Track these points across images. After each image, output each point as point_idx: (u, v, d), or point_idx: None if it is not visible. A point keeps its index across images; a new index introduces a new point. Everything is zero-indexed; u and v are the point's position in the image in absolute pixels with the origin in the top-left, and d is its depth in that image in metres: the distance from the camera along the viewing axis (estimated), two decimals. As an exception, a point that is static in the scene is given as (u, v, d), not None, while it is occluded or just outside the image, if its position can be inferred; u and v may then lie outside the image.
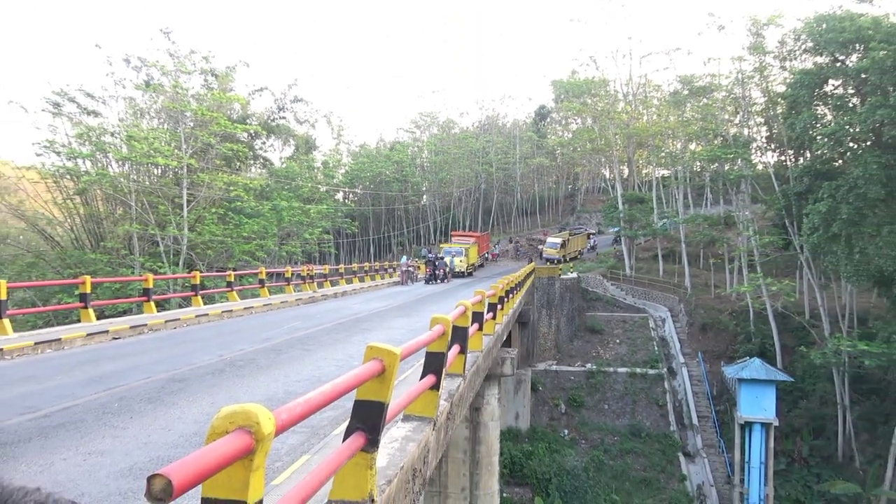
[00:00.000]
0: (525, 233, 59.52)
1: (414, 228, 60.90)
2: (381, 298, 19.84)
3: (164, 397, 6.37)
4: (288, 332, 11.47)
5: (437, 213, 61.44)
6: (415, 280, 29.50)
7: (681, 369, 27.92)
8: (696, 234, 34.65)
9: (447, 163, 61.17)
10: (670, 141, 43.29)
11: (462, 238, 40.70)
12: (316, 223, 40.42)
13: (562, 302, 31.76)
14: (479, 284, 26.94)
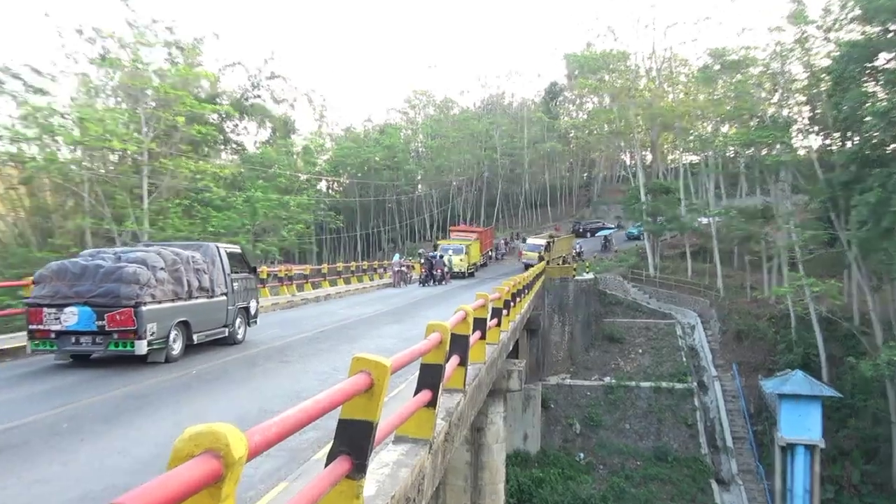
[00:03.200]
0: (534, 227, 59.60)
1: (407, 223, 60.91)
2: (369, 302, 19.83)
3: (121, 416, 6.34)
4: (263, 341, 11.45)
5: (433, 205, 61.48)
6: (408, 281, 29.50)
7: (713, 383, 27.97)
8: (729, 228, 34.68)
9: (445, 148, 61.11)
10: (699, 122, 43.30)
11: (462, 233, 40.64)
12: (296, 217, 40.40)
13: (576, 307, 31.77)
14: (481, 287, 26.91)
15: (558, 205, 64.84)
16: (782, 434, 19.84)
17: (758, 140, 30.33)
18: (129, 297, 9.07)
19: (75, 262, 9.50)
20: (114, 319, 9.05)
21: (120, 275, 9.17)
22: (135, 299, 9.08)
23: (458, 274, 34.39)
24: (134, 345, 9.02)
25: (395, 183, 59.89)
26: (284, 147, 49.95)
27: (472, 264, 36.90)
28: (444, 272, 29.91)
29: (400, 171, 60.97)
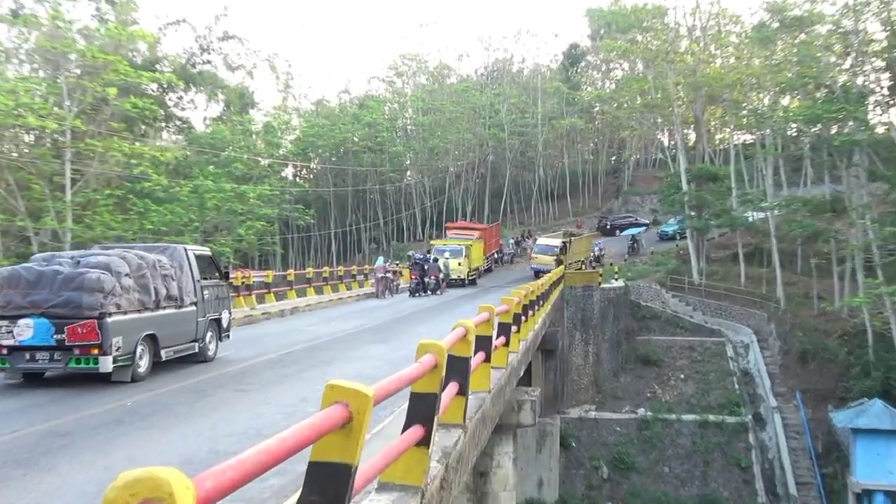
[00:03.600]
0: (551, 224, 59.81)
1: (393, 218, 61.07)
2: (347, 317, 19.90)
3: (40, 459, 6.33)
4: (216, 366, 11.46)
5: (425, 196, 61.78)
6: (395, 291, 29.66)
7: (772, 416, 28.06)
8: (791, 224, 34.82)
9: (440, 125, 61.39)
10: (754, 94, 43.54)
11: (461, 232, 40.84)
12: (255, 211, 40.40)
13: (603, 321, 31.85)
14: (486, 297, 27.00)
15: (580, 196, 65.11)
16: (857, 478, 19.91)
17: (826, 115, 30.44)
18: (93, 306, 9.45)
19: (29, 267, 9.83)
20: (75, 333, 9.40)
21: (81, 282, 9.50)
22: (99, 309, 9.47)
23: (457, 281, 34.54)
24: (98, 361, 9.42)
25: (379, 169, 60.01)
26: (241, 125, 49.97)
27: (473, 269, 37.06)
28: (439, 279, 30.03)
29: (384, 155, 61.06)
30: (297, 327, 17.28)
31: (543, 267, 35.31)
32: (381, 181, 60.85)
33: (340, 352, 13.12)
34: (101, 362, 9.44)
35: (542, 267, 35.63)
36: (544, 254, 36.80)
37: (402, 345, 13.87)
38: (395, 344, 14.13)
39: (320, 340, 14.70)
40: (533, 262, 37.98)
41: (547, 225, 59.69)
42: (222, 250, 34.56)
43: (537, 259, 37.17)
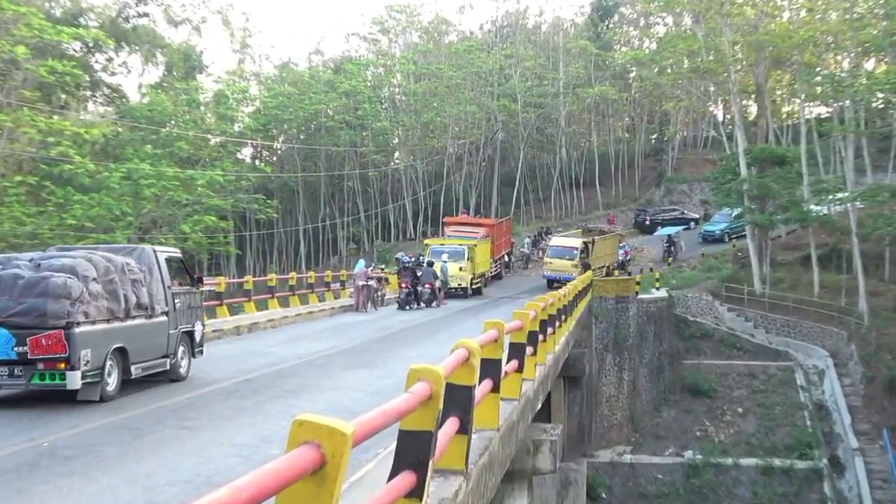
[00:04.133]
0: (575, 219, 59.95)
1: (378, 212, 61.19)
2: (319, 335, 19.94)
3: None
4: (153, 397, 11.45)
5: (418, 183, 62.03)
6: (380, 302, 29.80)
7: (852, 460, 28.07)
8: (877, 220, 34.84)
9: (436, 95, 61.54)
10: (831, 56, 43.61)
11: (464, 229, 41.07)
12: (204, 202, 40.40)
13: (641, 341, 31.83)
14: (494, 311, 27.06)
15: (612, 183, 65.31)
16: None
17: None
18: (59, 315, 10.18)
19: None
20: (39, 345, 10.10)
21: (46, 287, 10.22)
22: (65, 318, 10.20)
23: (457, 291, 34.71)
24: (65, 377, 10.17)
25: (360, 150, 60.13)
26: (186, 94, 50.02)
27: (478, 276, 37.24)
28: (434, 289, 30.15)
29: (366, 132, 61.18)
30: (257, 348, 17.28)
31: (559, 275, 35.39)
32: (362, 165, 60.93)
33: (311, 379, 13.12)
34: (69, 378, 10.12)
35: (557, 275, 35.71)
36: (560, 257, 36.88)
37: (388, 370, 13.84)
38: (380, 369, 14.13)
39: (286, 365, 14.70)
40: (546, 269, 38.08)
41: (570, 220, 59.82)
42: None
43: (551, 265, 37.26)
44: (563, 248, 37.84)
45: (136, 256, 12.24)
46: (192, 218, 38.88)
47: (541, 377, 12.75)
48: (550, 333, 14.45)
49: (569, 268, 35.51)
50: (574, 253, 36.66)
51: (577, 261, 35.82)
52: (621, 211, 61.52)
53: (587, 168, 65.53)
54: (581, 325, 25.48)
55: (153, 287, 12.15)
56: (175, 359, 12.66)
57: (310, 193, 62.80)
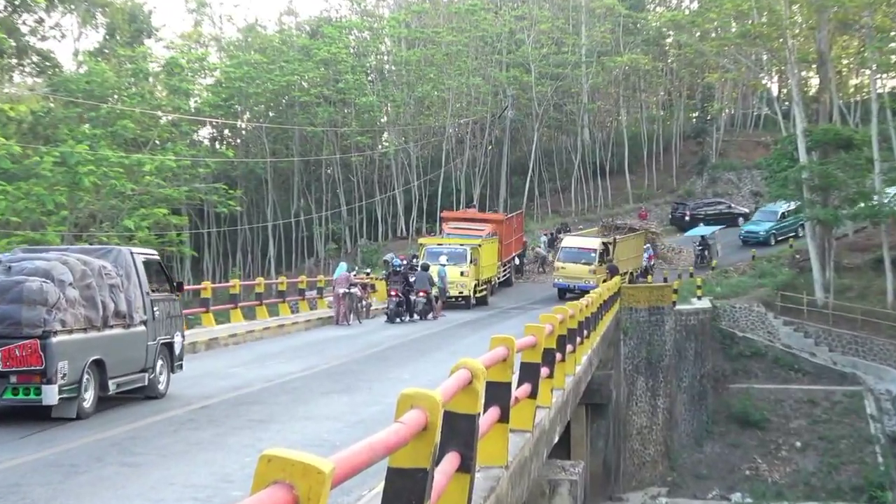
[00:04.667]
0: (600, 213, 59.94)
1: (363, 205, 61.26)
2: (292, 354, 19.97)
3: None
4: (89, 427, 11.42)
5: (411, 171, 62.08)
6: (365, 314, 29.91)
7: (932, 504, 28.07)
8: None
9: (433, 64, 61.67)
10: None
11: (465, 225, 41.24)
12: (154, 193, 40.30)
13: (679, 361, 31.80)
14: (501, 324, 27.04)
15: (645, 171, 65.48)
16: None
17: None
18: (34, 323, 10.88)
19: None
20: (12, 356, 10.77)
21: (20, 293, 10.89)
22: (41, 327, 10.90)
23: (458, 300, 34.85)
24: (41, 391, 10.89)
25: (341, 130, 60.14)
26: (132, 62, 49.94)
27: (483, 282, 37.38)
28: (430, 297, 30.23)
29: (349, 109, 61.25)
30: (216, 369, 17.27)
31: (574, 283, 35.35)
32: (343, 149, 60.97)
33: (282, 407, 13.10)
34: (45, 393, 10.83)
35: (571, 283, 35.67)
36: (574, 261, 36.67)
37: (374, 396, 13.84)
38: (365, 395, 14.14)
39: (251, 389, 14.70)
40: (556, 276, 37.87)
41: (595, 214, 59.91)
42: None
43: (564, 270, 36.96)
44: (577, 250, 37.54)
45: (111, 259, 12.91)
46: (138, 212, 38.82)
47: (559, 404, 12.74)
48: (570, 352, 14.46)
49: (585, 274, 35.40)
50: (591, 256, 36.44)
51: (596, 265, 35.70)
52: (655, 204, 61.59)
53: (614, 153, 65.59)
54: (607, 341, 25.44)
55: (131, 293, 12.86)
56: (154, 374, 13.39)
57: (281, 183, 62.80)
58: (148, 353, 13.28)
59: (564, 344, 13.14)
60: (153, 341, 13.46)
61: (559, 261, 38.21)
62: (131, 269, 13.13)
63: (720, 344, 35.20)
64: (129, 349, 12.83)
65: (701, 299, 36.26)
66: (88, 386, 11.63)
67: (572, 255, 37.34)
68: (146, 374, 13.21)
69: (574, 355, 15.24)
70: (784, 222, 49.08)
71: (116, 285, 12.51)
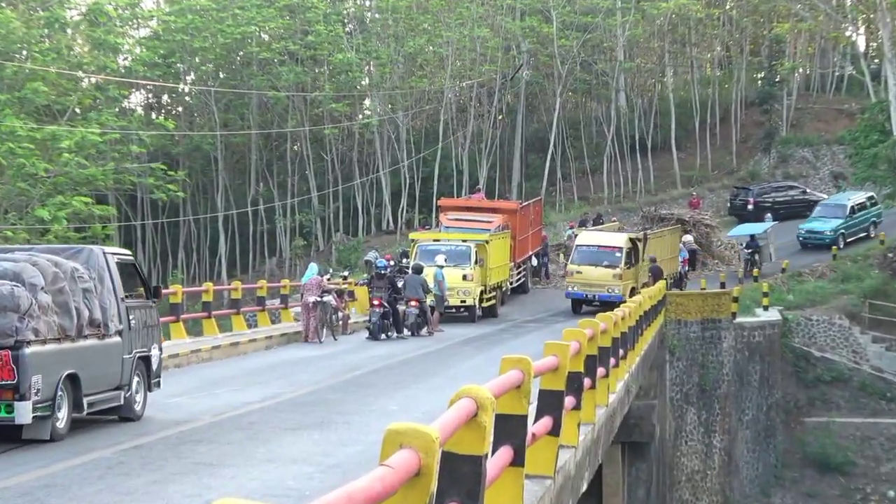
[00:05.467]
0: (642, 197, 59.82)
1: (340, 191, 61.03)
2: (249, 379, 20.03)
3: None
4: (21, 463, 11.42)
5: (400, 147, 62.12)
6: (340, 328, 30.01)
7: None
8: None
9: (428, 12, 61.84)
10: None
11: (469, 216, 41.42)
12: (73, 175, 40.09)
13: (740, 388, 31.82)
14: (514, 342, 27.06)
15: (697, 147, 65.54)
16: None
17: None
18: (5, 332, 11.75)
19: None
20: None
21: None
22: (14, 336, 11.78)
23: (460, 311, 35.10)
24: (14, 409, 11.78)
25: (310, 95, 60.04)
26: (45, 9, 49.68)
27: (491, 288, 37.44)
28: (424, 308, 30.32)
29: (321, 69, 61.30)
30: (153, 399, 17.19)
31: (593, 292, 35.04)
32: (314, 119, 60.96)
33: (236, 446, 13.09)
34: (18, 411, 11.75)
35: (588, 292, 35.28)
36: (593, 263, 35.94)
37: (353, 433, 13.87)
38: (341, 431, 14.14)
39: (197, 424, 14.68)
40: (570, 282, 37.34)
41: (633, 202, 59.93)
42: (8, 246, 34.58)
43: (579, 275, 36.35)
44: (597, 250, 37.07)
45: (82, 260, 13.89)
46: (53, 199, 38.76)
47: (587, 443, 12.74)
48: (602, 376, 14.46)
49: (608, 280, 34.89)
50: (616, 256, 35.98)
51: (622, 267, 35.25)
52: (710, 190, 61.55)
53: (658, 124, 65.59)
54: (649, 363, 25.42)
55: (105, 299, 13.82)
56: (130, 391, 14.38)
57: (235, 163, 62.75)
58: (123, 367, 14.21)
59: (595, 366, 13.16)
60: (129, 354, 14.43)
61: (573, 263, 37.72)
62: (104, 271, 14.02)
63: (792, 367, 35.15)
64: (104, 363, 13.72)
65: (768, 310, 36.21)
66: (62, 404, 12.50)
67: (590, 255, 36.87)
68: (121, 392, 14.11)
69: (607, 381, 15.25)
70: (856, 217, 48.01)
71: (90, 290, 13.34)
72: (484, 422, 5.81)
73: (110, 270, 14.25)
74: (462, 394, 5.79)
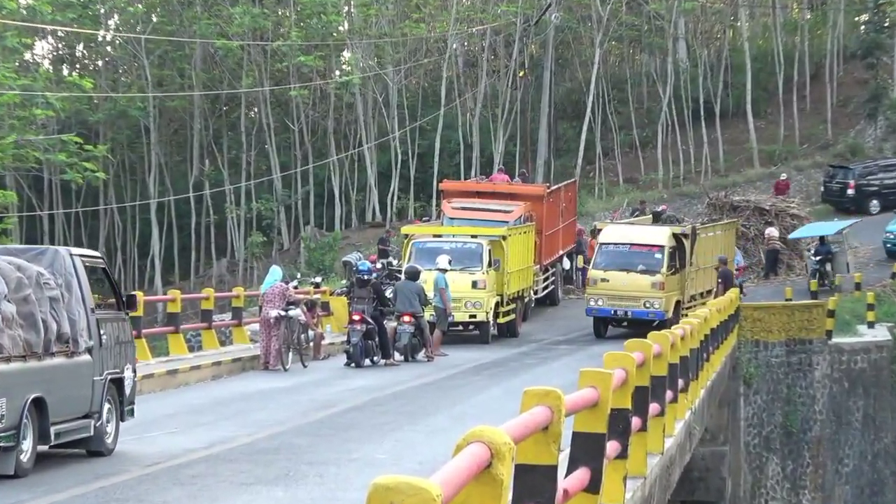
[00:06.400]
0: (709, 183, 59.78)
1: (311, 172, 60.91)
2: (192, 419, 20.05)
3: None
4: None
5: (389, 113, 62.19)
6: (311, 352, 30.07)
7: None
8: None
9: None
10: None
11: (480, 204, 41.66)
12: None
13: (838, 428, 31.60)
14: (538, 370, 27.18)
15: (781, 114, 65.60)
16: None
17: None
18: None
19: None
20: None
21: None
22: None
23: (468, 328, 35.41)
24: None
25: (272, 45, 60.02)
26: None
27: (511, 298, 37.65)
28: (422, 325, 30.44)
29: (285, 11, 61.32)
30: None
31: (624, 307, 34.38)
32: (276, 77, 61.02)
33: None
34: None
35: (616, 307, 34.58)
36: (625, 268, 35.28)
37: (327, 489, 13.88)
38: (312, 487, 14.13)
39: (123, 478, 14.62)
40: (592, 294, 36.73)
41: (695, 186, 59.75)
42: None
43: (606, 285, 35.87)
44: (628, 249, 36.66)
45: (46, 263, 14.66)
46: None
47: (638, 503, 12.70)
48: (656, 414, 14.47)
49: (645, 290, 34.23)
50: (656, 258, 35.53)
51: (664, 272, 34.59)
52: (798, 169, 61.48)
53: (730, 83, 65.64)
54: (717, 397, 25.41)
55: (74, 310, 14.56)
56: (100, 420, 15.09)
57: (172, 134, 62.97)
58: (94, 391, 14.91)
59: (646, 402, 13.14)
60: (100, 376, 15.16)
61: (595, 268, 36.98)
62: (72, 276, 14.81)
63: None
64: (73, 386, 14.50)
65: (874, 327, 36.17)
66: (27, 432, 13.20)
67: (620, 256, 36.50)
68: (91, 421, 14.82)
69: (662, 421, 15.24)
70: None
71: (56, 298, 14.07)
72: (500, 474, 5.79)
73: (78, 276, 14.83)
74: (471, 437, 5.77)
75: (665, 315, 33.10)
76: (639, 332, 23.72)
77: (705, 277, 37.50)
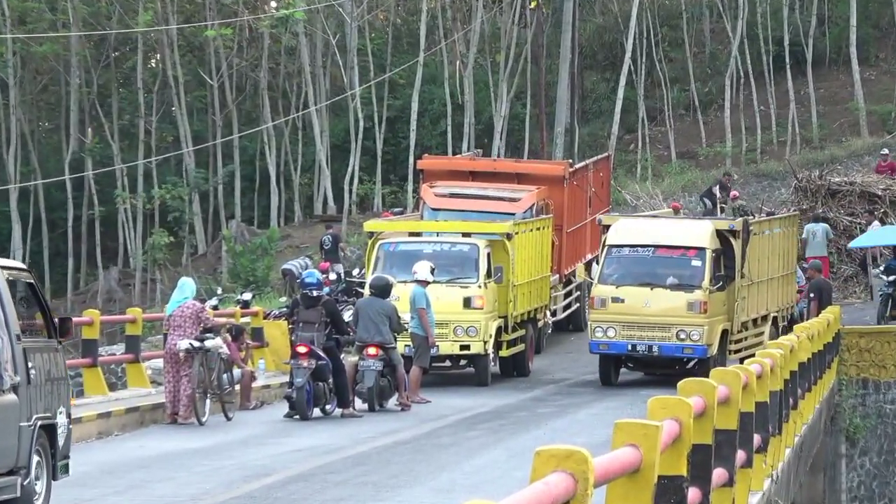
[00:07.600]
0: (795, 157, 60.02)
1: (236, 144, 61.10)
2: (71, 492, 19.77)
3: None
4: None
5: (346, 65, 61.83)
6: (237, 399, 30.37)
7: None
8: None
9: None
10: None
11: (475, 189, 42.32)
12: None
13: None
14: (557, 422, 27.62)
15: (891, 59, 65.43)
16: None
17: None
18: None
19: None
20: None
21: None
22: None
23: (458, 363, 36.10)
24: None
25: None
26: None
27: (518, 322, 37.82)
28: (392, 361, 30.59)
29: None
30: None
31: (644, 339, 33.39)
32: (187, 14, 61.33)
33: None
34: None
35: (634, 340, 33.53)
36: (647, 282, 34.21)
37: None
38: None
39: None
40: (598, 320, 35.98)
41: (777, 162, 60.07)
42: None
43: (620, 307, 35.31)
44: (651, 254, 36.33)
45: None
46: None
47: None
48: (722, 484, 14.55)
49: (679, 314, 34.07)
50: (694, 268, 35.12)
51: (707, 286, 33.68)
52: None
53: (826, 19, 65.97)
54: (809, 459, 25.58)
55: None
56: (29, 478, 15.55)
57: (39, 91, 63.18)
58: (21, 440, 15.34)
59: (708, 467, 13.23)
60: (28, 422, 15.56)
61: (604, 283, 36.01)
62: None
63: None
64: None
65: None
66: None
67: (640, 265, 36.29)
68: (18, 479, 15.22)
69: (731, 493, 15.33)
70: None
71: None
72: None
73: (0, 294, 15.03)
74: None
75: (707, 352, 32.53)
76: (666, 379, 23.49)
77: (760, 296, 36.48)
